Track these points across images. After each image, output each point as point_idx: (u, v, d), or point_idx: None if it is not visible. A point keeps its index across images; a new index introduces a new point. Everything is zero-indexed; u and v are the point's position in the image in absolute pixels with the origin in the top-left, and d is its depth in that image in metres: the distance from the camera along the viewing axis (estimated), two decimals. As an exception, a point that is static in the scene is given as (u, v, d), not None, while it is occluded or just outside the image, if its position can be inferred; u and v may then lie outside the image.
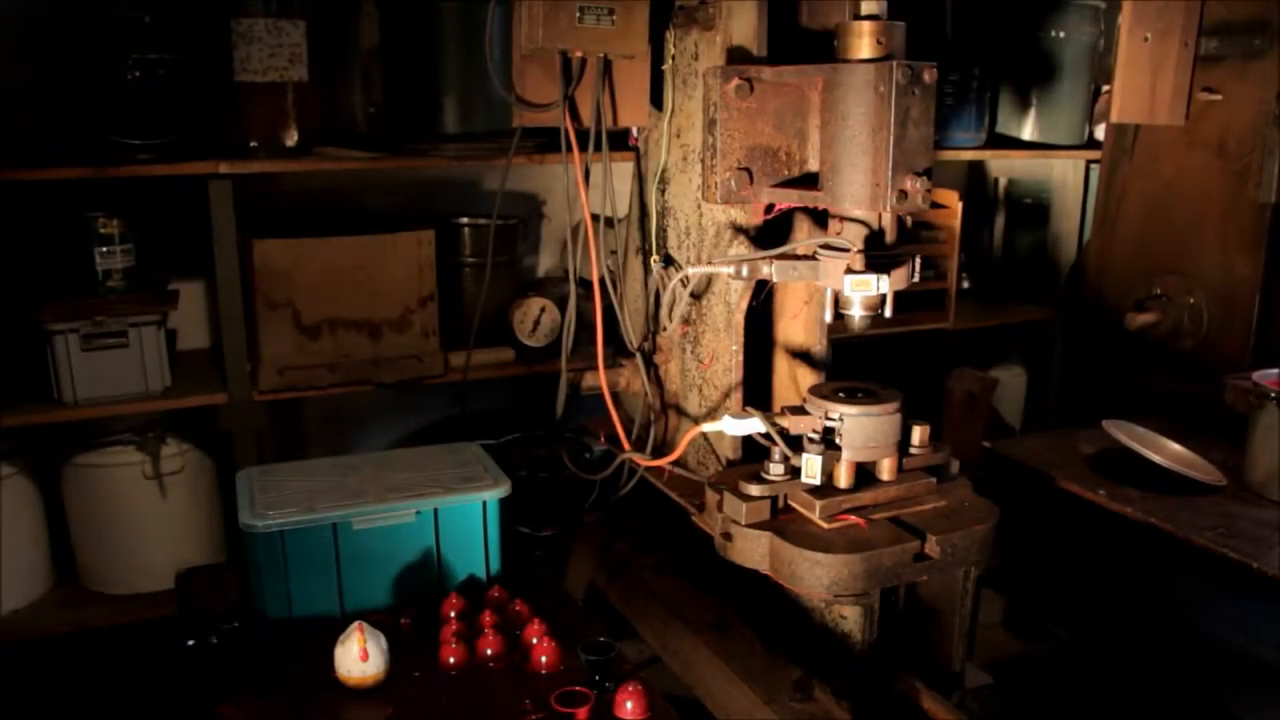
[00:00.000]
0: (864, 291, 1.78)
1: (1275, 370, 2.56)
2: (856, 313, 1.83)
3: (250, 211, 2.86)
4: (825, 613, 1.94)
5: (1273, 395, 2.43)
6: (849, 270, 1.77)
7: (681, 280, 2.09)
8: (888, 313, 1.84)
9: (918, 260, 1.87)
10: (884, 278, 1.77)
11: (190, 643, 1.94)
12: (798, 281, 1.94)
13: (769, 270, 1.82)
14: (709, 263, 2.00)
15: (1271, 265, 2.94)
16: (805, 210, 2.01)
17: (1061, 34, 3.72)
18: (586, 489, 2.49)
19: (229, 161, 2.67)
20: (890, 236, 1.81)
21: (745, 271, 1.83)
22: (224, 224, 2.69)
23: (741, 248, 2.02)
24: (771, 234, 2.04)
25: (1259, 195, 2.81)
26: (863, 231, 1.80)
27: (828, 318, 1.88)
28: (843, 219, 1.82)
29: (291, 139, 2.83)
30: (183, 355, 3.11)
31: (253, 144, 2.78)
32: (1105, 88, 3.72)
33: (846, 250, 1.78)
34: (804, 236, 2.02)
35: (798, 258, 1.84)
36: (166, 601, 2.47)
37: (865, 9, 1.76)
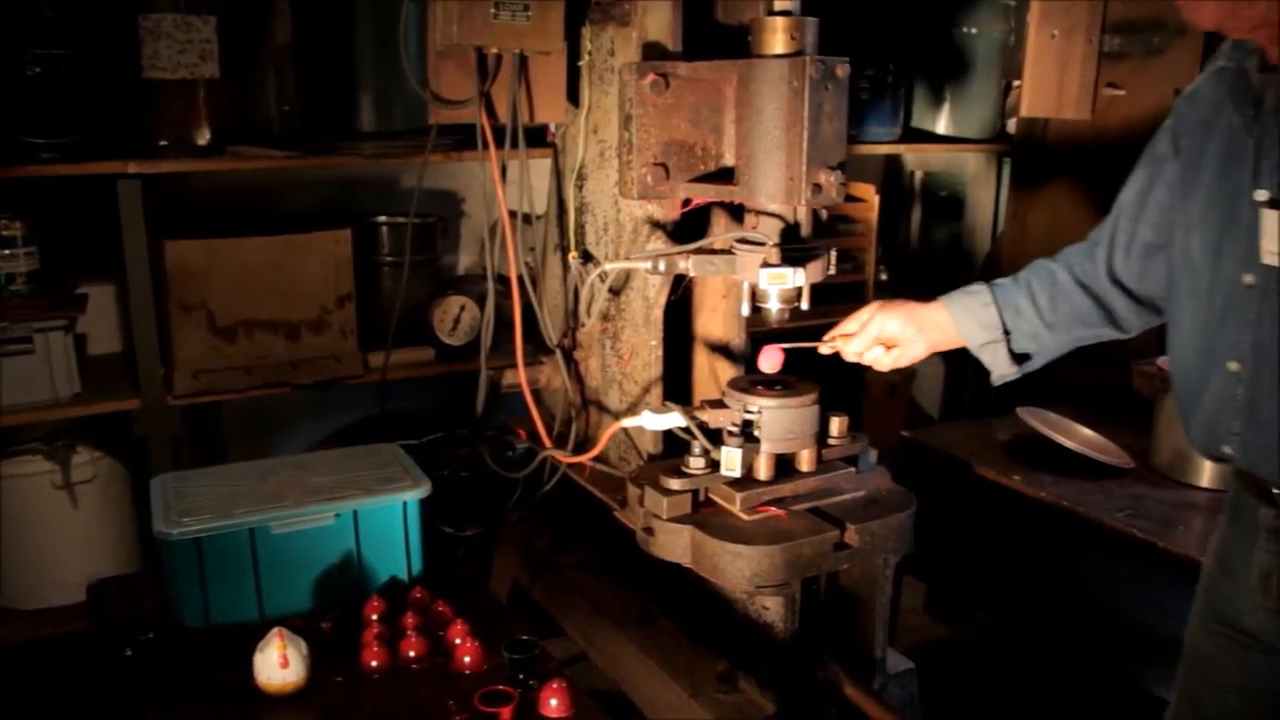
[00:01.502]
0: (780, 285, 1.79)
1: (1179, 356, 2.64)
2: (773, 306, 1.84)
3: (162, 212, 2.80)
4: (748, 604, 1.96)
5: (1177, 380, 2.51)
6: (765, 264, 1.79)
7: (599, 276, 2.09)
8: (804, 305, 1.86)
9: (833, 253, 1.90)
10: (800, 271, 1.79)
11: (104, 656, 1.90)
12: (715, 276, 1.95)
13: (686, 265, 1.83)
14: (627, 258, 2.00)
15: (1174, 254, 3.02)
16: (722, 205, 2.03)
17: (973, 30, 3.79)
18: (509, 487, 2.48)
19: (138, 161, 2.61)
20: (806, 230, 1.83)
21: (663, 266, 1.84)
22: (133, 225, 2.62)
23: (659, 243, 2.03)
24: (689, 229, 2.05)
25: (1161, 186, 2.88)
26: (778, 225, 1.81)
27: (745, 311, 1.89)
28: (759, 213, 1.84)
29: (203, 138, 2.77)
30: (93, 360, 3.02)
31: (163, 143, 2.72)
32: (1016, 83, 3.80)
33: (762, 244, 1.80)
34: (721, 231, 2.03)
35: (714, 252, 1.85)
36: (80, 615, 2.41)
37: (779, 5, 1.78)
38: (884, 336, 1.91)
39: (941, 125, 3.86)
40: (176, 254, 2.69)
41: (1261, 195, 1.45)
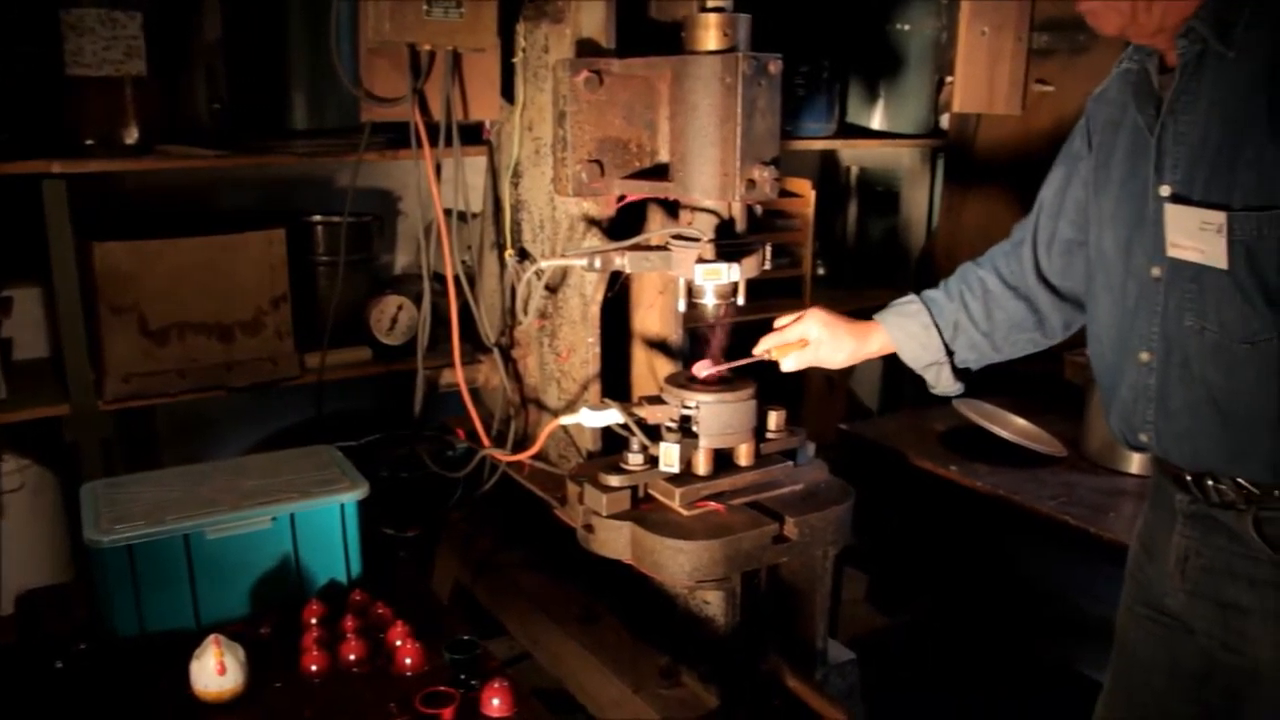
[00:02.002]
0: (715, 280, 1.80)
1: (1108, 346, 2.69)
2: (709, 301, 1.85)
3: (91, 212, 2.74)
4: (689, 599, 1.97)
5: (1106, 370, 2.56)
6: (700, 260, 1.80)
7: (535, 273, 2.09)
8: (740, 300, 1.87)
9: (768, 248, 1.91)
10: (735, 266, 1.80)
11: (34, 669, 1.85)
12: (651, 272, 1.96)
13: (622, 262, 1.83)
14: (563, 256, 2.00)
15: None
16: (658, 201, 2.03)
17: (906, 27, 3.84)
18: (450, 487, 2.47)
19: (63, 160, 2.55)
20: (740, 225, 1.84)
21: (599, 263, 1.84)
22: (59, 226, 2.56)
23: (595, 240, 2.03)
24: (625, 225, 2.05)
25: (1089, 180, 2.94)
26: (713, 221, 1.82)
27: (681, 307, 1.90)
28: (694, 209, 1.84)
29: (131, 136, 2.71)
30: (20, 365, 2.95)
31: (89, 142, 2.66)
32: (948, 79, 3.86)
33: (697, 240, 1.80)
34: (657, 227, 2.04)
35: (650, 248, 1.86)
36: (8, 628, 2.35)
37: (711, 2, 1.79)
38: (808, 339, 1.95)
39: (876, 121, 3.90)
40: (105, 256, 2.63)
41: (1165, 191, 1.50)
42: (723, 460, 1.91)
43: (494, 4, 2.10)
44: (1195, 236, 1.45)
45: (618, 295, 2.16)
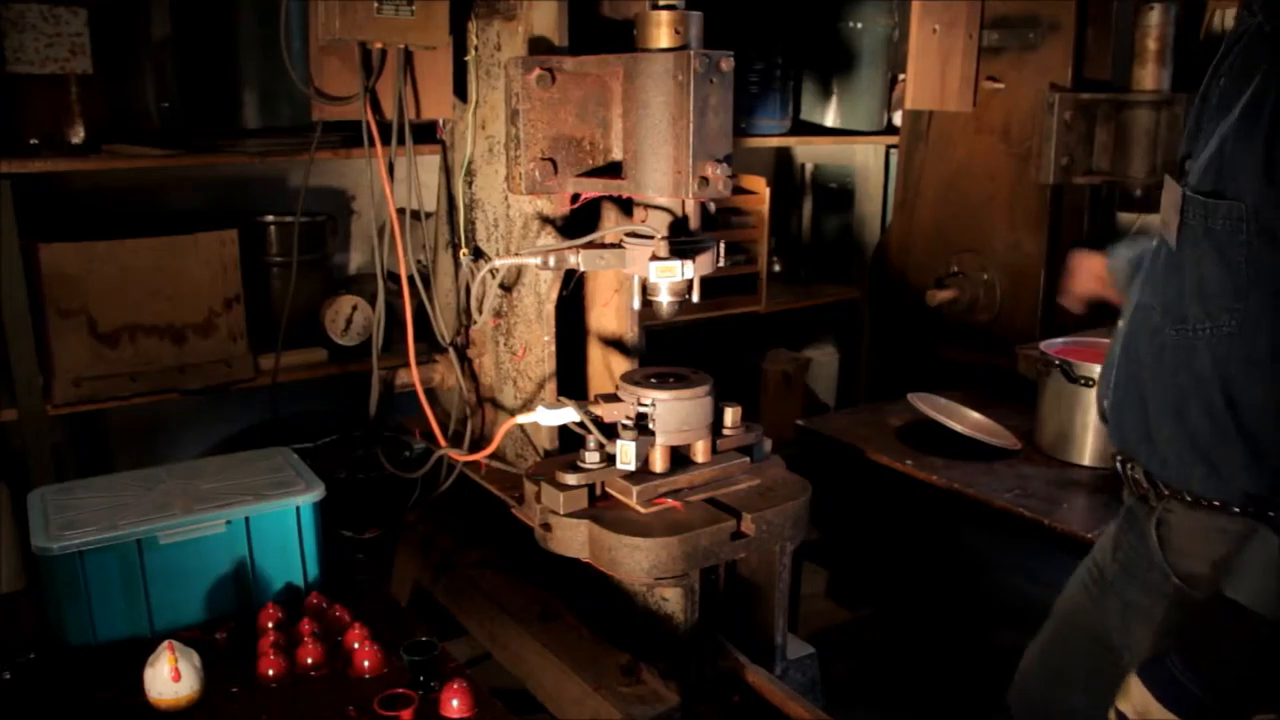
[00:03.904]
0: (669, 278, 1.81)
1: (1060, 340, 2.74)
2: (664, 299, 1.86)
3: (38, 213, 2.70)
4: (648, 596, 1.97)
5: (1058, 363, 2.60)
6: (654, 257, 1.80)
7: (490, 272, 2.08)
8: (694, 297, 1.87)
9: (722, 245, 1.92)
10: (689, 263, 1.81)
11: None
12: (606, 270, 1.96)
13: (576, 260, 1.83)
14: (516, 254, 2.00)
15: (1054, 242, 3.13)
16: (612, 199, 2.03)
17: (859, 25, 3.87)
18: (408, 488, 2.45)
19: (6, 160, 2.51)
20: (694, 223, 1.85)
21: (553, 262, 1.83)
22: (4, 228, 2.52)
23: (549, 238, 2.03)
24: (579, 223, 2.05)
25: (1039, 177, 2.99)
26: (667, 218, 1.83)
27: (636, 304, 1.90)
28: (647, 207, 1.85)
29: (77, 135, 2.67)
30: (-35, 370, 2.90)
31: (33, 141, 2.62)
32: (901, 76, 3.89)
33: (651, 238, 1.81)
34: (611, 225, 2.04)
35: (604, 246, 1.86)
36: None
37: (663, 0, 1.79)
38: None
39: (830, 118, 3.92)
40: (52, 257, 2.59)
41: (1183, 161, 1.46)
42: (679, 457, 1.91)
43: (446, 2, 2.09)
44: (1168, 213, 1.42)
45: (573, 293, 2.16)
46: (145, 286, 2.71)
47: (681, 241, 1.82)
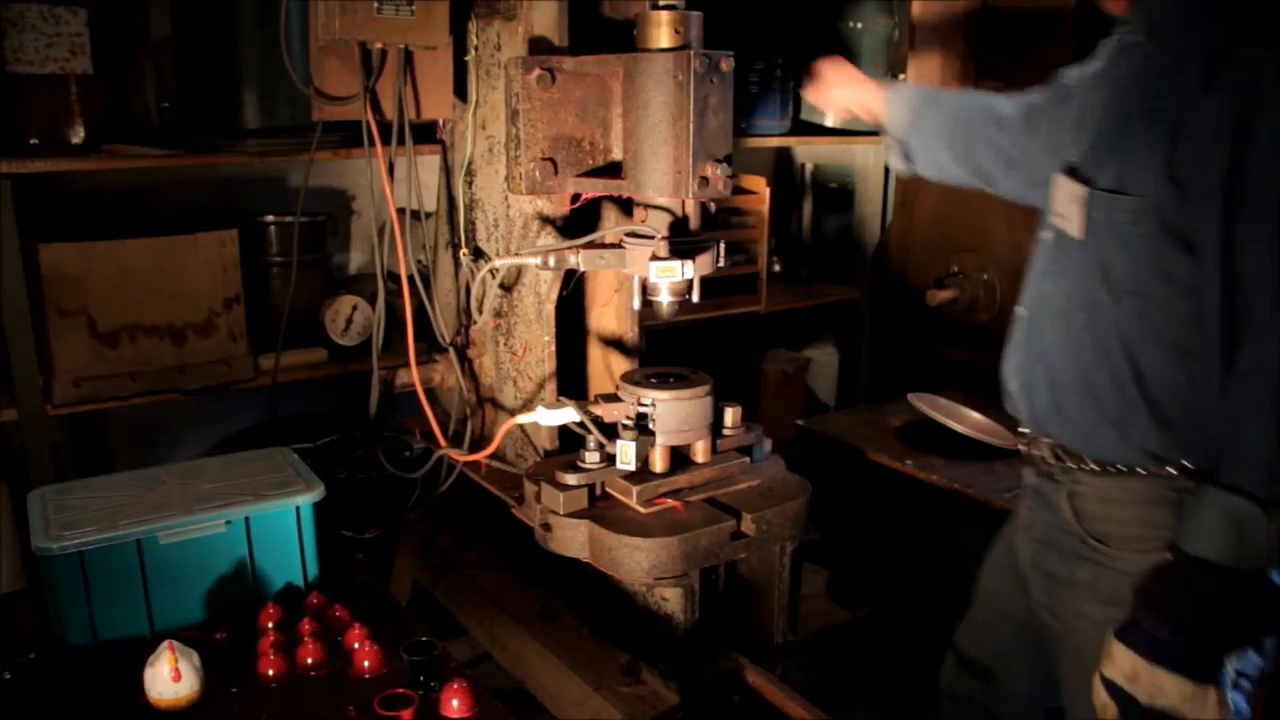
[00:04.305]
0: (670, 277, 1.81)
1: (1060, 339, 2.73)
2: (664, 299, 1.86)
3: (38, 213, 2.70)
4: (648, 596, 1.97)
5: (1057, 362, 2.59)
6: (654, 257, 1.80)
7: (490, 272, 2.08)
8: (694, 297, 1.87)
9: (722, 245, 1.92)
10: (689, 263, 1.81)
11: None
12: (606, 270, 1.96)
13: (576, 260, 1.83)
14: (516, 254, 2.00)
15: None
16: (612, 199, 2.03)
17: (859, 25, 3.86)
18: (408, 488, 2.45)
19: (7, 160, 2.50)
20: (694, 223, 1.85)
21: (553, 262, 1.84)
22: (4, 228, 2.52)
23: (549, 238, 2.03)
24: (579, 223, 2.05)
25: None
26: (667, 219, 1.83)
27: (636, 304, 1.90)
28: (647, 207, 1.85)
29: (77, 136, 2.67)
30: (-35, 370, 2.90)
31: (33, 141, 2.62)
32: (901, 76, 3.88)
33: (651, 238, 1.81)
34: (611, 225, 2.04)
35: (604, 246, 1.86)
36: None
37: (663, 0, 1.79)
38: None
39: (830, 118, 3.91)
40: (52, 257, 2.59)
41: (1066, 163, 1.60)
42: (680, 457, 1.92)
43: (446, 2, 2.10)
44: (1065, 206, 1.58)
45: (573, 293, 2.16)
46: (145, 286, 2.70)
47: (682, 241, 1.83)
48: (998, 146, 1.89)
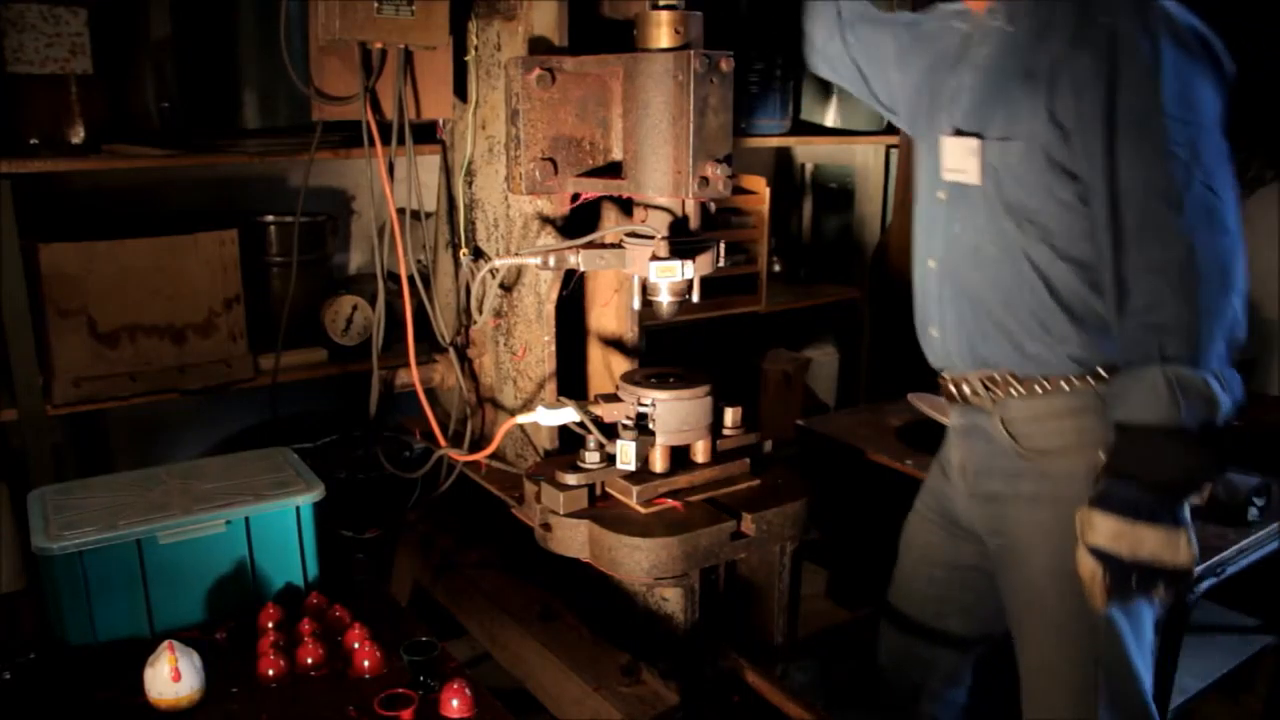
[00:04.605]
0: (670, 277, 1.81)
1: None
2: (664, 299, 1.86)
3: (38, 213, 2.70)
4: (648, 596, 1.97)
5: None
6: (654, 257, 1.80)
7: (490, 272, 2.08)
8: (694, 297, 1.87)
9: (722, 245, 1.92)
10: (689, 263, 1.81)
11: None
12: (606, 270, 1.96)
13: (576, 260, 1.83)
14: (516, 254, 2.00)
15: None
16: (612, 199, 2.03)
17: (859, 24, 3.85)
18: (408, 488, 2.45)
19: (7, 160, 2.50)
20: (694, 223, 1.85)
21: (553, 262, 1.84)
22: (4, 228, 2.52)
23: (549, 238, 2.03)
24: (580, 223, 2.05)
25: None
26: (667, 219, 1.83)
27: (636, 305, 1.90)
28: (647, 207, 1.85)
29: (77, 136, 2.67)
30: (-35, 371, 2.90)
31: (33, 141, 2.62)
32: (900, 75, 3.88)
33: (652, 237, 1.81)
34: (611, 225, 2.04)
35: (604, 246, 1.86)
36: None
37: (663, -1, 1.80)
38: None
39: (830, 118, 3.91)
40: (52, 257, 2.59)
41: (946, 129, 1.87)
42: (680, 457, 1.91)
43: (446, 1, 2.09)
44: (960, 160, 1.83)
45: (573, 293, 2.16)
46: (145, 286, 2.71)
47: (682, 241, 1.83)
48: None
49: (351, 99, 2.10)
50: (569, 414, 1.88)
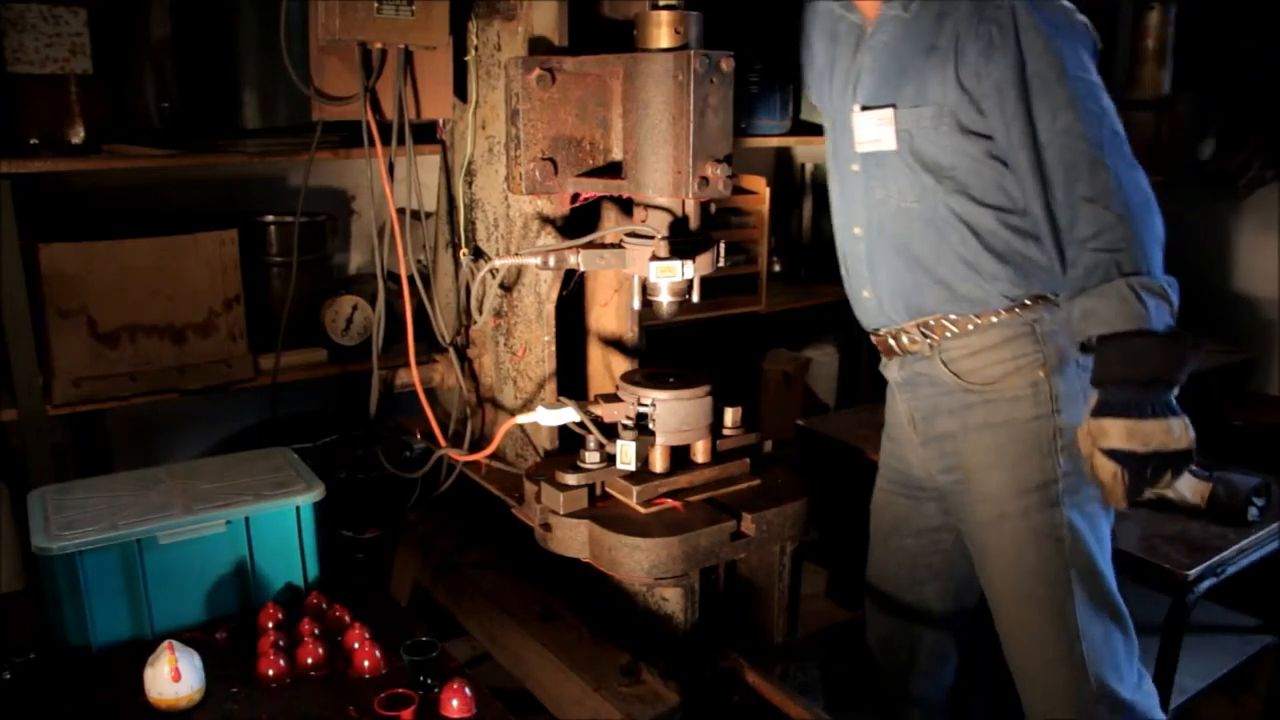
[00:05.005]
0: (670, 278, 1.81)
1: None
2: (664, 299, 1.86)
3: (38, 213, 2.70)
4: (648, 596, 1.97)
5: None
6: (654, 257, 1.80)
7: (490, 272, 2.08)
8: (694, 297, 1.87)
9: (722, 245, 1.92)
10: (689, 263, 1.81)
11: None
12: (606, 270, 1.95)
13: (576, 260, 1.83)
14: (516, 254, 2.00)
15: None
16: (612, 199, 2.03)
17: (859, 23, 3.85)
18: (408, 488, 2.45)
19: (7, 160, 2.50)
20: (694, 223, 1.85)
21: (553, 262, 1.84)
22: (4, 228, 2.52)
23: (549, 238, 2.03)
24: (580, 223, 2.05)
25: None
26: (667, 219, 1.83)
27: (636, 305, 1.90)
28: (648, 207, 1.85)
29: (77, 136, 2.67)
30: (-35, 371, 2.90)
31: (33, 141, 2.62)
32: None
33: (652, 238, 1.81)
34: (611, 225, 2.04)
35: (604, 246, 1.86)
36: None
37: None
38: None
39: (830, 118, 3.91)
40: (52, 257, 2.59)
41: (856, 106, 2.05)
42: (680, 457, 1.91)
43: (446, 1, 2.09)
44: (874, 131, 2.01)
45: (573, 293, 2.16)
46: (145, 286, 2.71)
47: (682, 241, 1.82)
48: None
49: (351, 99, 2.10)
50: (569, 414, 1.88)
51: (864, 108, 2.03)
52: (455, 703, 1.69)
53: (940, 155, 1.96)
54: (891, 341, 2.13)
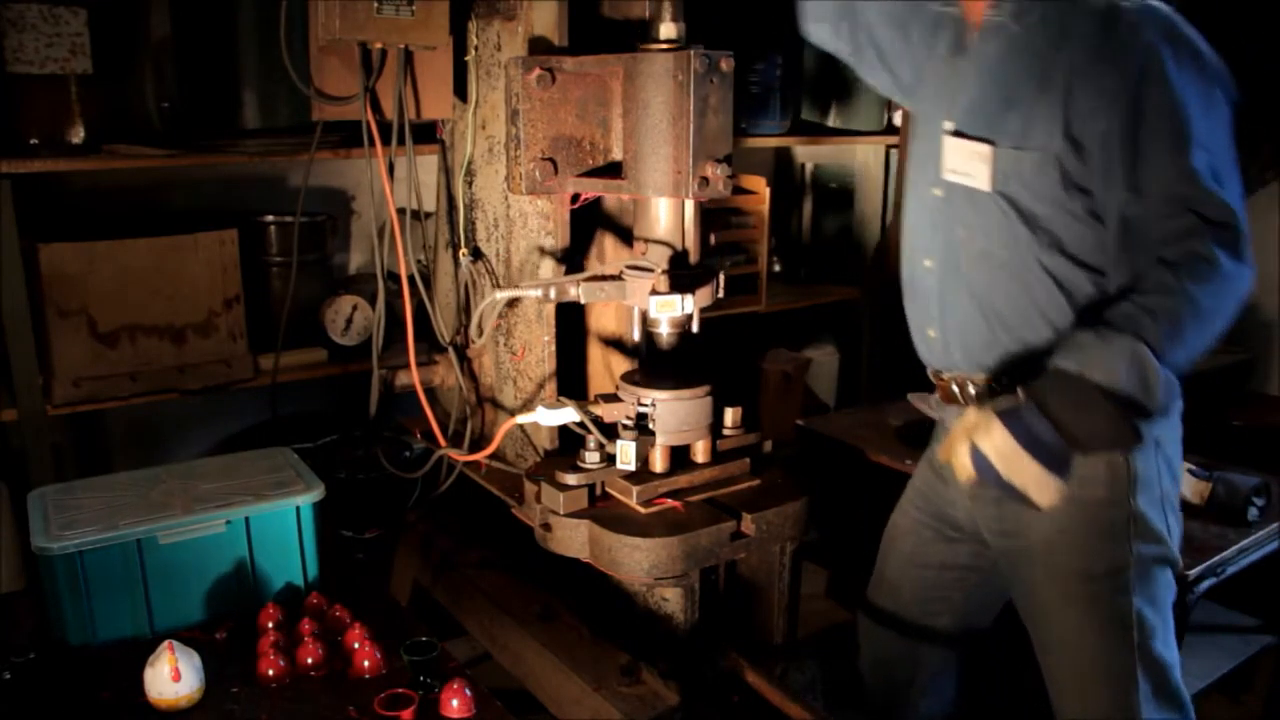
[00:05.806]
0: (670, 312, 1.81)
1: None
2: (664, 331, 1.87)
3: (38, 213, 2.69)
4: (648, 596, 1.97)
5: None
6: (654, 291, 1.80)
7: (491, 304, 2.09)
8: (695, 329, 1.88)
9: (722, 277, 1.93)
10: (689, 298, 1.81)
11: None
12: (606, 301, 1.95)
13: (576, 292, 1.83)
14: (517, 286, 1.98)
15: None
16: (610, 229, 2.03)
17: (859, 23, 3.85)
18: (408, 488, 2.45)
19: (7, 160, 2.50)
20: (694, 257, 1.85)
21: (553, 294, 1.84)
22: (4, 228, 2.52)
23: (549, 238, 2.03)
24: (580, 223, 2.05)
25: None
26: (667, 253, 1.83)
27: (636, 336, 1.91)
28: (647, 240, 1.85)
29: (77, 136, 2.67)
30: (-35, 371, 2.90)
31: (33, 141, 2.62)
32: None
33: (651, 271, 1.81)
34: (607, 255, 2.04)
35: (605, 279, 1.86)
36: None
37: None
38: None
39: (830, 118, 3.92)
40: (52, 257, 2.59)
41: (948, 126, 1.81)
42: (680, 457, 1.91)
43: (446, 1, 2.09)
44: (966, 164, 1.78)
45: (573, 294, 2.16)
46: (145, 286, 2.70)
47: (682, 274, 1.83)
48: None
49: (351, 99, 2.11)
50: (569, 414, 1.88)
51: (956, 132, 1.82)
52: (455, 703, 1.68)
53: (1037, 205, 1.75)
54: (955, 389, 1.92)
